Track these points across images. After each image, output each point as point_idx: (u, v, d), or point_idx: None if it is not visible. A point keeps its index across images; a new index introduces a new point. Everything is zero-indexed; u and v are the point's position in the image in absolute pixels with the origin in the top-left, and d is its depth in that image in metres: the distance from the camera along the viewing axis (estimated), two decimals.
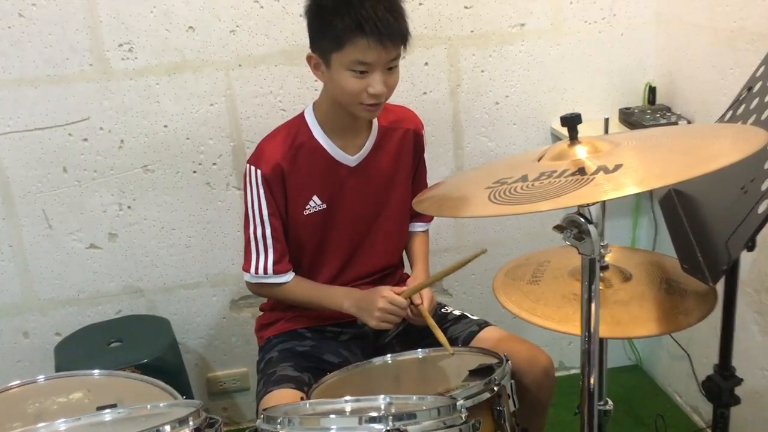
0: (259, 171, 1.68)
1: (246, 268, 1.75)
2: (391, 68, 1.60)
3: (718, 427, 1.53)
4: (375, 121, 1.76)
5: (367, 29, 1.52)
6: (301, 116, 1.74)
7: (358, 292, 1.73)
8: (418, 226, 1.91)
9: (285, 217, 1.73)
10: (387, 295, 1.66)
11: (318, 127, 1.71)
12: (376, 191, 1.78)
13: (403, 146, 1.80)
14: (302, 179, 1.71)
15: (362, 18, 1.52)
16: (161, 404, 1.32)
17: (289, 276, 1.75)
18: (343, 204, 1.75)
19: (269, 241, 1.71)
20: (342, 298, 1.72)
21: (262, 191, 1.68)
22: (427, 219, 1.92)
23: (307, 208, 1.72)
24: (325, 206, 1.73)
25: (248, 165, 1.70)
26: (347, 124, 1.70)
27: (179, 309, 2.28)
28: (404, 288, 1.70)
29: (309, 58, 1.66)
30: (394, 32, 1.55)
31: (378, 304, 1.65)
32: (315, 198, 1.72)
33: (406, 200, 1.82)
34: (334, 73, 1.60)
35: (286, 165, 1.68)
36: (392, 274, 1.88)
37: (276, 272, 1.73)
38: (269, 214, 1.70)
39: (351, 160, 1.73)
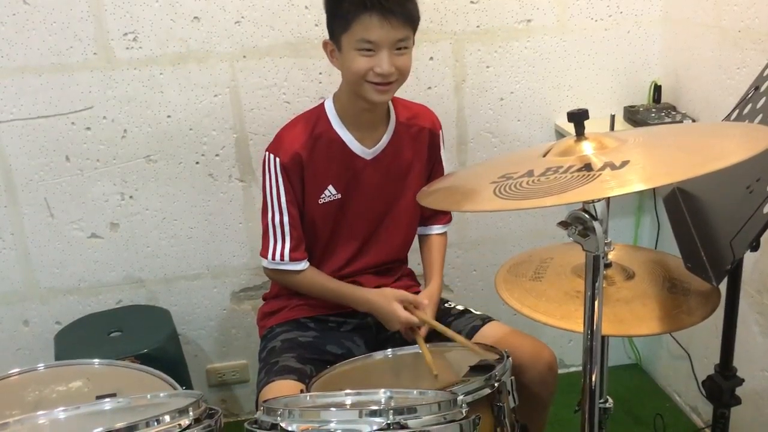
0: (278, 159, 1.70)
1: (263, 254, 1.77)
2: (399, 49, 1.61)
3: (718, 428, 1.53)
4: (393, 116, 1.78)
5: (369, 5, 1.55)
6: (321, 107, 1.76)
7: (377, 301, 1.73)
8: (436, 229, 1.92)
9: (301, 205, 1.75)
10: (404, 321, 1.68)
11: (337, 118, 1.73)
12: (390, 185, 1.80)
13: (418, 143, 1.82)
14: (319, 169, 1.73)
15: None
16: (161, 394, 1.32)
17: (304, 264, 1.77)
18: (357, 195, 1.77)
19: (287, 228, 1.74)
20: (360, 302, 1.76)
21: (281, 179, 1.71)
22: (446, 220, 1.93)
23: (322, 197, 1.74)
24: (340, 196, 1.75)
25: (267, 153, 1.73)
26: (365, 116, 1.72)
27: (180, 300, 2.28)
28: (424, 314, 1.70)
29: (325, 45, 1.69)
30: (398, 9, 1.57)
31: (394, 327, 1.71)
32: (330, 187, 1.74)
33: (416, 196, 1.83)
34: (344, 55, 1.63)
35: (305, 154, 1.70)
36: (398, 268, 1.90)
37: (292, 259, 1.75)
38: (287, 202, 1.72)
39: (368, 152, 1.75)
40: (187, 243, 2.23)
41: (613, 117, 1.55)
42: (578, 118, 1.12)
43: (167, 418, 1.15)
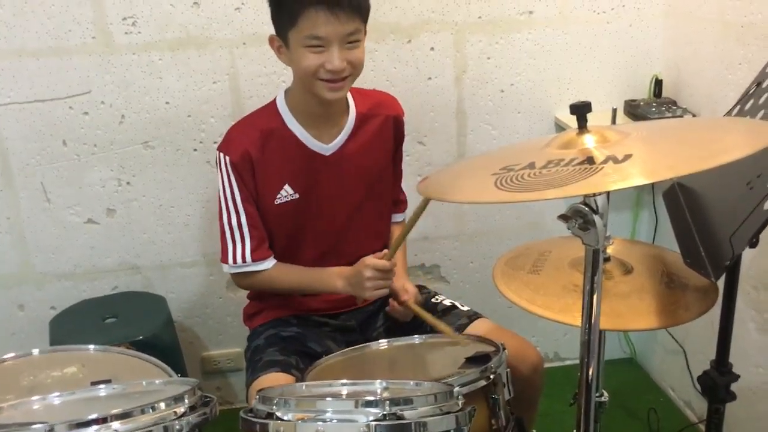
0: (228, 158, 1.64)
1: (223, 259, 1.71)
2: (351, 42, 1.54)
3: (713, 423, 1.53)
4: (352, 108, 1.71)
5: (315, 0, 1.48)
6: (273, 103, 1.71)
7: (347, 269, 1.69)
8: (395, 217, 1.89)
9: (257, 205, 1.69)
10: (370, 263, 1.63)
11: (290, 115, 1.67)
12: (354, 181, 1.73)
13: (383, 133, 1.75)
14: (272, 167, 1.66)
15: None
16: (156, 381, 1.32)
17: (270, 262, 1.71)
18: (318, 194, 1.71)
19: (245, 229, 1.68)
20: (334, 279, 1.70)
21: (233, 178, 1.65)
22: (402, 209, 1.91)
23: (278, 197, 1.68)
24: (297, 196, 1.69)
25: (218, 152, 1.67)
26: (320, 111, 1.65)
27: (175, 287, 2.27)
28: (384, 251, 1.67)
29: (271, 41, 1.62)
30: (345, 2, 1.49)
31: (365, 274, 1.63)
32: (287, 187, 1.68)
33: (386, 189, 1.79)
34: (293, 52, 1.56)
35: (255, 152, 1.64)
36: None
37: (255, 260, 1.69)
38: (243, 200, 1.66)
39: (326, 149, 1.69)
40: (184, 230, 2.22)
41: (614, 110, 1.54)
42: (581, 110, 1.11)
43: (162, 405, 1.15)
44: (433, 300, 1.81)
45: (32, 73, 2.00)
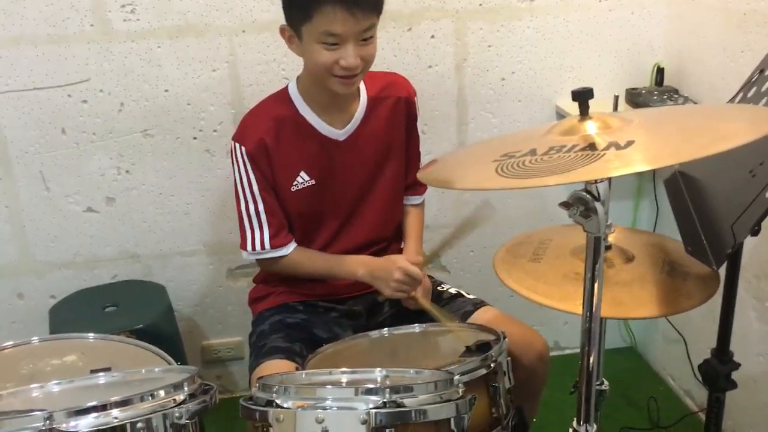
0: (243, 148, 1.64)
1: (243, 246, 1.73)
2: (365, 39, 1.53)
3: (713, 412, 1.53)
4: (363, 92, 1.71)
5: None
6: (285, 90, 1.70)
7: (373, 260, 1.71)
8: (412, 199, 1.88)
9: (275, 192, 1.70)
10: (403, 266, 1.65)
11: (302, 102, 1.67)
12: (367, 165, 1.74)
13: (395, 115, 1.75)
14: (288, 155, 1.67)
15: None
16: (156, 369, 1.32)
17: (290, 248, 1.72)
18: (333, 180, 1.71)
19: (263, 216, 1.69)
20: (357, 266, 1.71)
21: (249, 168, 1.65)
22: (421, 191, 1.89)
23: (294, 184, 1.69)
24: (313, 182, 1.70)
25: (233, 142, 1.67)
26: (331, 98, 1.64)
27: (175, 276, 2.27)
28: (419, 258, 1.69)
29: (282, 31, 1.61)
30: (363, 0, 1.48)
31: (394, 275, 1.65)
32: (303, 174, 1.69)
33: (399, 171, 1.79)
34: (306, 46, 1.55)
35: (270, 140, 1.64)
36: (386, 248, 1.84)
37: (274, 246, 1.70)
38: (260, 189, 1.67)
39: (339, 134, 1.69)
40: (184, 219, 2.21)
41: (616, 98, 1.54)
42: (583, 96, 1.11)
43: (162, 392, 1.15)
44: (438, 288, 1.81)
45: (30, 61, 1.99)
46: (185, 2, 2.00)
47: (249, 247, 1.71)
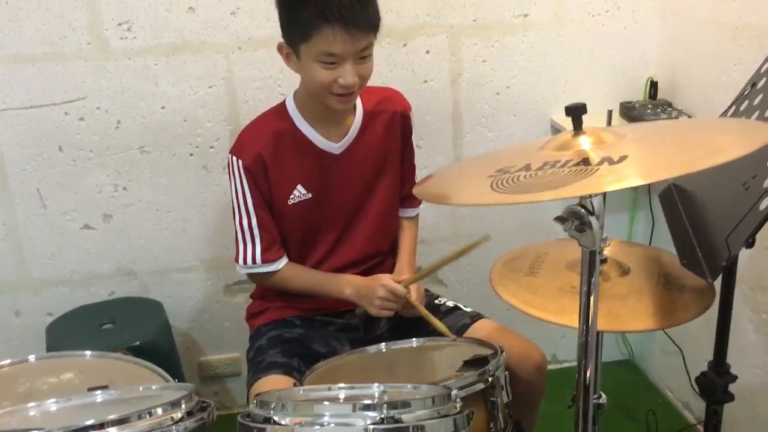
0: (240, 161, 1.66)
1: (236, 259, 1.75)
2: (363, 57, 1.55)
3: (711, 424, 1.53)
4: (359, 106, 1.73)
5: (331, 18, 1.47)
6: (283, 105, 1.72)
7: (359, 279, 1.72)
8: (407, 212, 1.89)
9: (271, 206, 1.71)
10: (387, 284, 1.66)
11: (299, 116, 1.69)
12: (364, 178, 1.75)
13: (391, 129, 1.77)
14: (285, 168, 1.68)
15: (326, 6, 1.47)
16: (153, 387, 1.31)
17: (280, 264, 1.74)
18: (329, 193, 1.73)
19: (255, 231, 1.70)
20: (344, 285, 1.72)
21: (245, 182, 1.67)
22: (416, 204, 1.90)
23: (291, 197, 1.70)
24: (310, 195, 1.71)
25: (230, 155, 1.68)
26: (328, 111, 1.66)
27: (172, 292, 2.27)
28: (404, 277, 1.70)
29: (280, 48, 1.63)
30: (360, 20, 1.50)
31: (378, 293, 1.65)
32: (299, 187, 1.70)
33: (394, 185, 1.81)
34: (304, 64, 1.57)
35: (267, 154, 1.66)
36: (382, 262, 1.85)
37: (265, 261, 1.72)
38: (254, 204, 1.68)
39: (335, 147, 1.71)
40: (181, 235, 2.21)
41: (610, 112, 1.55)
42: (576, 112, 1.12)
43: (159, 410, 1.14)
44: (436, 302, 1.82)
45: (28, 79, 2.00)
46: (181, 20, 2.01)
47: (242, 261, 1.73)
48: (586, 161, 1.04)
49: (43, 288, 2.19)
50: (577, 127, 1.13)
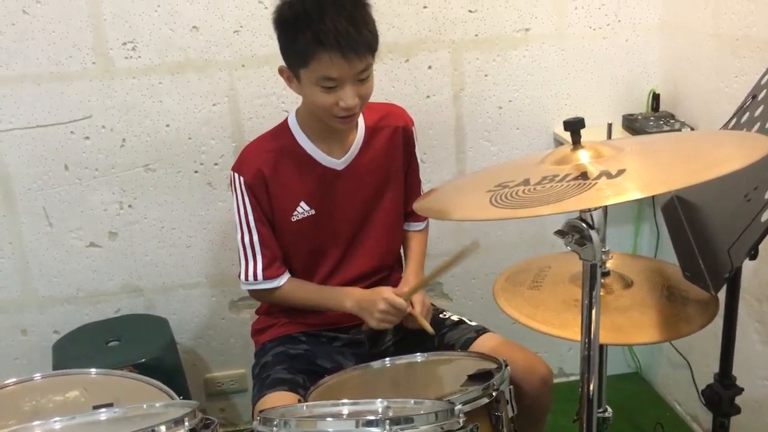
0: (242, 178, 1.67)
1: (239, 275, 1.76)
2: (362, 79, 1.56)
3: None
4: (361, 122, 1.74)
5: (327, 44, 1.48)
6: (285, 122, 1.73)
7: (360, 291, 1.72)
8: (414, 226, 1.90)
9: (272, 223, 1.72)
10: (387, 297, 1.66)
11: (301, 133, 1.70)
12: (367, 194, 1.76)
13: (393, 144, 1.78)
14: (287, 185, 1.69)
15: (322, 32, 1.48)
16: (157, 404, 1.31)
17: (281, 280, 1.74)
18: (333, 209, 1.73)
19: (257, 248, 1.71)
20: (344, 298, 1.72)
21: (246, 198, 1.68)
22: (423, 218, 1.90)
23: (295, 214, 1.71)
24: (314, 212, 1.72)
25: (232, 172, 1.70)
26: (330, 128, 1.67)
27: (178, 309, 2.27)
28: (405, 290, 1.70)
29: (281, 72, 1.65)
30: (356, 44, 1.50)
31: (379, 305, 1.65)
32: (303, 204, 1.71)
33: (398, 200, 1.81)
34: (305, 88, 1.59)
35: (268, 171, 1.67)
36: (388, 276, 1.85)
37: (266, 278, 1.72)
38: (256, 221, 1.69)
39: (338, 163, 1.72)
40: (186, 252, 2.22)
41: (610, 125, 1.55)
42: (574, 126, 1.12)
43: (163, 428, 1.15)
44: (440, 316, 1.82)
45: (34, 99, 2.02)
46: (185, 38, 2.03)
47: (243, 277, 1.74)
48: (584, 175, 1.04)
49: (49, 306, 2.20)
50: (576, 141, 1.13)
